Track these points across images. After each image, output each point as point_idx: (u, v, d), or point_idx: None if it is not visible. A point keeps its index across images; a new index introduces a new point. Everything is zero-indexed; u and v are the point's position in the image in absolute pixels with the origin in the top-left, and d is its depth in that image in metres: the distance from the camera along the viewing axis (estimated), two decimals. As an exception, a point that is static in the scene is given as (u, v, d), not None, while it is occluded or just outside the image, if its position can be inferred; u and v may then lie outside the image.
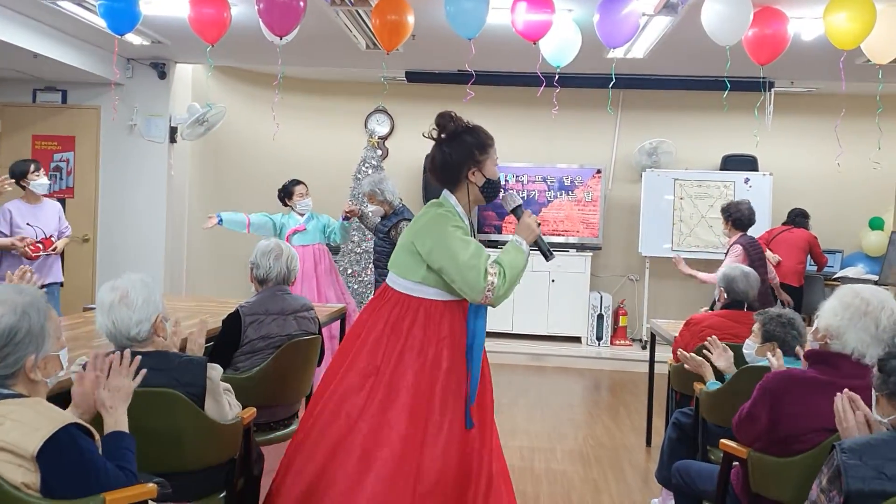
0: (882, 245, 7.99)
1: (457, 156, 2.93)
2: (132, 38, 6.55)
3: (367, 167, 8.38)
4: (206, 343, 3.42)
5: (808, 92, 8.53)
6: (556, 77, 5.14)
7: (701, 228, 8.36)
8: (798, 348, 3.25)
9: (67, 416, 2.07)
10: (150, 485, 2.19)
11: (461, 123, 2.97)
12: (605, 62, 6.28)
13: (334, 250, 7.28)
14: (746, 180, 8.49)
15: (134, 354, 2.62)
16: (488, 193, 2.97)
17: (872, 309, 2.59)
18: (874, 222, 8.58)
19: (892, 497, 1.82)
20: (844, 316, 2.61)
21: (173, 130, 7.77)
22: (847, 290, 2.68)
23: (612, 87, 5.53)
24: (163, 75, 7.71)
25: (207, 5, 4.78)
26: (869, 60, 4.96)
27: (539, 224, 2.93)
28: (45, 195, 5.95)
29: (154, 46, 7.01)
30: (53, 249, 5.86)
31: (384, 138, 9.10)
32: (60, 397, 2.42)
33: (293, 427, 3.89)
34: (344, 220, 6.20)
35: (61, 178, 7.78)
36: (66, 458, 2.00)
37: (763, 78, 6.62)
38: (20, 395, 2.09)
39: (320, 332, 4.05)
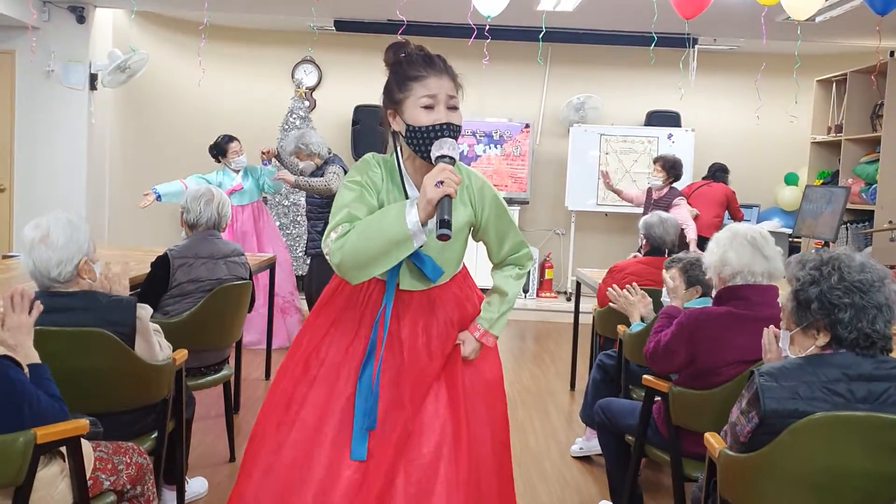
0: (796, 200, 8.30)
1: (383, 93, 2.26)
2: (48, -23, 6.28)
3: (294, 118, 8.27)
4: (133, 289, 3.38)
5: (730, 50, 8.74)
6: (487, 28, 5.15)
7: (626, 183, 8.50)
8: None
9: (-6, 350, 2.05)
10: (83, 420, 2.19)
11: (402, 52, 2.22)
12: (536, 15, 6.33)
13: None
14: (670, 136, 8.69)
15: (59, 294, 2.61)
16: (414, 146, 2.18)
17: (738, 231, 2.88)
18: (789, 178, 8.90)
19: (806, 416, 1.95)
20: (718, 246, 2.88)
21: (93, 77, 7.51)
22: (718, 232, 2.96)
23: (541, 40, 5.58)
24: (82, 19, 7.42)
25: (130, -57, 4.62)
26: (789, 17, 5.11)
27: (441, 183, 2.02)
28: None
29: (72, -12, 6.74)
30: None
31: (312, 89, 8.97)
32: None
33: (224, 372, 3.89)
34: (264, 164, 6.20)
35: (-27, 125, 7.47)
36: (-3, 390, 1.98)
37: (687, 34, 6.75)
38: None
39: (251, 278, 4.04)
